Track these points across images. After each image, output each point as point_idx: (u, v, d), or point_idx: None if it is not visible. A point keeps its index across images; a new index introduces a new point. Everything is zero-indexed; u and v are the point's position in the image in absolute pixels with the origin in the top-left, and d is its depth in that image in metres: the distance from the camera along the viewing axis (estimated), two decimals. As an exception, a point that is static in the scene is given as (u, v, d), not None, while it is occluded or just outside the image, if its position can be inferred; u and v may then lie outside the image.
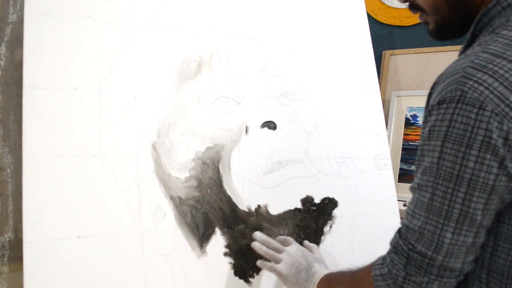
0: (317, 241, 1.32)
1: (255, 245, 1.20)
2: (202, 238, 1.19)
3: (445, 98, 0.70)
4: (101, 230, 1.09)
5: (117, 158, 1.13)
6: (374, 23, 1.91)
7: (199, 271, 1.17)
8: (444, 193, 0.71)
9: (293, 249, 1.17)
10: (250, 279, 1.22)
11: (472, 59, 0.72)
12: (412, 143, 1.81)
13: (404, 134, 1.83)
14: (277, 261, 1.15)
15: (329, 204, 1.36)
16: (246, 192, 1.26)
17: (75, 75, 1.13)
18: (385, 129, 1.54)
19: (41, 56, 1.10)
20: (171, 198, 1.18)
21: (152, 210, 1.15)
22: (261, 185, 1.29)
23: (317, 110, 1.42)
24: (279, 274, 1.13)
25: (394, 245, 0.80)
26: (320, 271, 1.09)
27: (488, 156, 0.68)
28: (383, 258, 0.83)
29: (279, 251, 1.17)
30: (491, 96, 0.68)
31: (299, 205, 1.32)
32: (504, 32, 0.75)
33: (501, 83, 0.68)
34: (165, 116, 1.21)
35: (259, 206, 1.27)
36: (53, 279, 1.03)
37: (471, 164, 0.69)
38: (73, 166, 1.09)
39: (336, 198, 1.37)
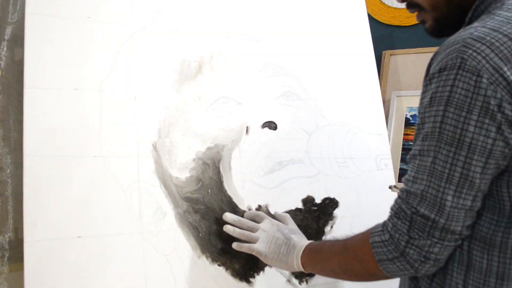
0: (317, 241, 1.32)
1: (227, 228, 1.17)
2: (203, 238, 1.19)
3: (446, 65, 0.74)
4: (101, 230, 1.09)
5: (118, 158, 1.13)
6: (374, 23, 1.91)
7: (200, 271, 1.17)
8: (446, 157, 0.74)
9: (267, 224, 1.15)
10: (251, 279, 1.22)
11: (472, 31, 0.76)
12: (412, 143, 1.81)
13: (404, 134, 1.83)
14: (254, 241, 1.13)
15: (330, 204, 1.36)
16: (247, 192, 1.26)
17: (76, 75, 1.13)
18: (386, 129, 1.54)
19: (42, 57, 1.10)
20: (172, 198, 1.18)
21: (153, 210, 1.15)
22: (261, 185, 1.29)
23: (318, 110, 1.42)
24: (258, 253, 1.12)
25: (396, 210, 0.81)
26: (300, 242, 1.07)
27: (487, 121, 0.72)
28: (383, 225, 0.84)
29: (253, 229, 1.15)
30: (487, 65, 0.72)
31: (300, 205, 1.32)
32: (500, 12, 0.80)
33: (496, 55, 0.73)
34: (166, 116, 1.21)
35: (259, 206, 1.27)
36: (54, 279, 1.03)
37: (471, 128, 0.72)
38: (74, 166, 1.09)
39: (336, 198, 1.37)
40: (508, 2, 0.82)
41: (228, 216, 1.19)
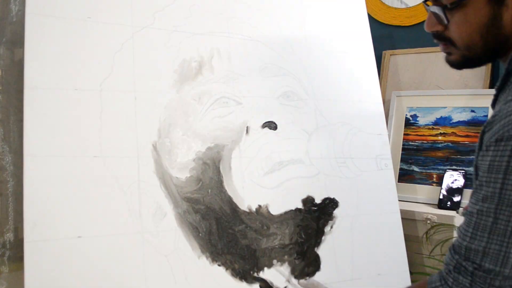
0: (318, 241, 1.32)
1: None
2: (203, 238, 1.19)
3: (503, 136, 0.79)
4: (101, 230, 1.09)
5: (118, 158, 1.13)
6: (374, 23, 1.91)
7: (200, 271, 1.17)
8: (508, 217, 0.80)
9: None
10: (251, 279, 1.22)
11: None
12: (412, 143, 1.81)
13: (404, 134, 1.83)
14: None
15: (330, 204, 1.36)
16: (247, 192, 1.26)
17: (76, 75, 1.13)
18: (386, 129, 1.54)
19: (42, 57, 1.10)
20: (172, 198, 1.18)
21: (153, 210, 1.15)
22: (261, 185, 1.29)
23: (318, 110, 1.42)
24: None
25: (455, 265, 0.85)
26: None
27: None
28: (441, 279, 0.87)
29: None
30: None
31: (300, 205, 1.32)
32: None
33: None
34: (166, 117, 1.21)
35: (259, 206, 1.27)
36: (54, 279, 1.03)
37: None
38: (74, 166, 1.09)
39: (336, 198, 1.37)
40: None
41: None
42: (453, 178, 1.64)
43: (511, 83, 0.86)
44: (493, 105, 0.90)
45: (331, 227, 1.35)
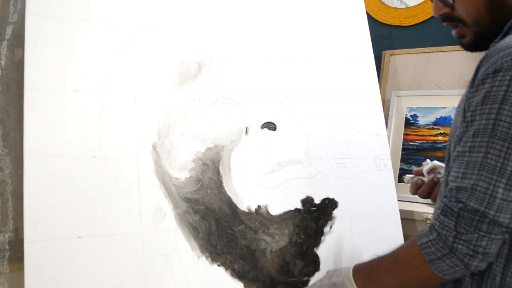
0: (317, 242, 1.32)
1: None
2: (203, 238, 1.20)
3: (502, 67, 0.76)
4: (101, 230, 1.09)
5: (118, 158, 1.13)
6: (374, 23, 1.91)
7: (199, 271, 1.18)
8: (499, 151, 0.76)
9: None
10: (250, 279, 1.23)
11: None
12: (412, 143, 1.81)
13: (404, 134, 1.83)
14: None
15: (329, 204, 1.36)
16: (246, 192, 1.27)
17: (76, 76, 1.13)
18: (385, 129, 1.54)
19: (42, 58, 1.10)
20: (172, 198, 1.18)
21: (153, 210, 1.15)
22: (261, 185, 1.29)
23: (317, 110, 1.42)
24: None
25: (442, 208, 0.82)
26: (343, 268, 1.02)
27: None
28: (429, 226, 0.85)
29: None
30: None
31: (299, 206, 1.32)
32: None
33: None
34: (166, 117, 1.21)
35: (259, 206, 1.28)
36: (54, 279, 1.03)
37: None
38: (74, 167, 1.09)
39: (336, 199, 1.37)
40: None
41: None
42: (453, 178, 1.64)
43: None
44: None
45: (331, 228, 1.35)
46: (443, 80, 1.81)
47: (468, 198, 0.78)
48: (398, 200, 1.52)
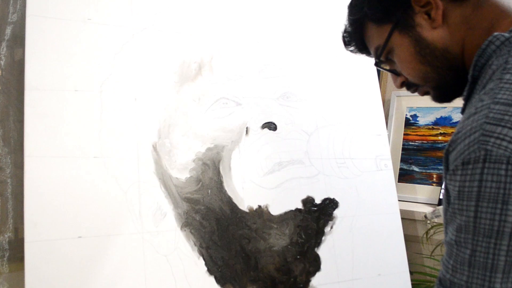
0: (318, 242, 1.32)
1: None
2: (203, 238, 1.20)
3: (470, 158, 0.70)
4: (102, 230, 1.09)
5: (118, 159, 1.13)
6: (374, 23, 1.90)
7: (200, 271, 1.18)
8: (487, 248, 0.72)
9: None
10: (251, 280, 1.23)
11: (486, 113, 0.71)
12: (412, 143, 1.81)
13: (404, 134, 1.83)
14: None
15: (330, 204, 1.36)
16: (247, 192, 1.27)
17: (76, 76, 1.13)
18: (386, 129, 1.54)
19: (43, 58, 1.10)
20: (172, 198, 1.18)
21: (153, 210, 1.15)
22: (261, 185, 1.29)
23: (317, 111, 1.42)
24: None
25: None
26: None
27: None
28: None
29: None
30: None
31: (300, 206, 1.32)
32: (507, 76, 0.74)
33: None
34: (166, 117, 1.21)
35: (259, 206, 1.28)
36: (54, 279, 1.03)
37: (510, 219, 0.69)
38: (74, 167, 1.09)
39: (336, 199, 1.37)
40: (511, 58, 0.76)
41: None
42: (453, 178, 1.64)
43: (476, 91, 0.79)
44: (462, 112, 0.83)
45: (331, 228, 1.35)
46: (443, 80, 1.81)
47: None
48: (399, 200, 1.52)
